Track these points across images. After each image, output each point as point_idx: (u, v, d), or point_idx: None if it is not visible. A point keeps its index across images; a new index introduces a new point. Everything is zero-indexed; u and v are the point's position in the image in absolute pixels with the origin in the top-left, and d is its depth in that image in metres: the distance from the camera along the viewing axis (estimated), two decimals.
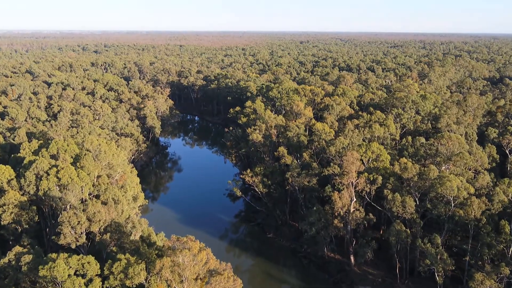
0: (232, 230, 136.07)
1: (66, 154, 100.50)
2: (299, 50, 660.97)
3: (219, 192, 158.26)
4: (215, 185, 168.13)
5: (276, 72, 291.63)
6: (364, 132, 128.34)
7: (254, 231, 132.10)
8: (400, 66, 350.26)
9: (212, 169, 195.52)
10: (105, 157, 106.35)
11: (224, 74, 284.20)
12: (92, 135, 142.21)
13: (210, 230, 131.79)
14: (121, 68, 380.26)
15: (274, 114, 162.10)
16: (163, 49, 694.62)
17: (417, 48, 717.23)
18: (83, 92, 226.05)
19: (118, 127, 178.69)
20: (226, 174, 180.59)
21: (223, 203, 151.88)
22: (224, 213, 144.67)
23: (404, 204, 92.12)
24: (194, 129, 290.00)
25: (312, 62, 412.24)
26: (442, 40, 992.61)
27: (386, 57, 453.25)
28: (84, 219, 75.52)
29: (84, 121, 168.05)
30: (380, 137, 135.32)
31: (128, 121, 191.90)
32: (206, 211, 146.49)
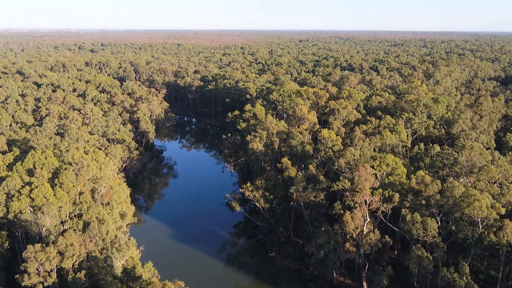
0: (230, 245, 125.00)
1: (43, 168, 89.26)
2: (298, 49, 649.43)
3: (217, 200, 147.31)
4: (213, 192, 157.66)
5: (276, 72, 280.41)
6: (375, 140, 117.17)
7: (254, 247, 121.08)
8: (404, 65, 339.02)
9: (210, 175, 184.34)
10: (89, 171, 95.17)
11: (222, 74, 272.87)
12: (78, 143, 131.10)
13: (206, 244, 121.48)
14: (116, 68, 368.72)
15: (275, 118, 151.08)
16: (160, 48, 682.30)
17: (418, 46, 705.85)
18: (74, 94, 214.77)
19: (109, 132, 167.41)
20: (225, 180, 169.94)
21: (221, 212, 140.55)
22: (222, 225, 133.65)
23: (425, 226, 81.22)
24: (191, 131, 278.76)
25: (312, 62, 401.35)
26: (442, 38, 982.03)
27: (388, 56, 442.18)
28: (54, 254, 64.49)
29: (72, 127, 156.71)
30: (391, 145, 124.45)
31: (120, 125, 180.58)
32: (203, 222, 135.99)
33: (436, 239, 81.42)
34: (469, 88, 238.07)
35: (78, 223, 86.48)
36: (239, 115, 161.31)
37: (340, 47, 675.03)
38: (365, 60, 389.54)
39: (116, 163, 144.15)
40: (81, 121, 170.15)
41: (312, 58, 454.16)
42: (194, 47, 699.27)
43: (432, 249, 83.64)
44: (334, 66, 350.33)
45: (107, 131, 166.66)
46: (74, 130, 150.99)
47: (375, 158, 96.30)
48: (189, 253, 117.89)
